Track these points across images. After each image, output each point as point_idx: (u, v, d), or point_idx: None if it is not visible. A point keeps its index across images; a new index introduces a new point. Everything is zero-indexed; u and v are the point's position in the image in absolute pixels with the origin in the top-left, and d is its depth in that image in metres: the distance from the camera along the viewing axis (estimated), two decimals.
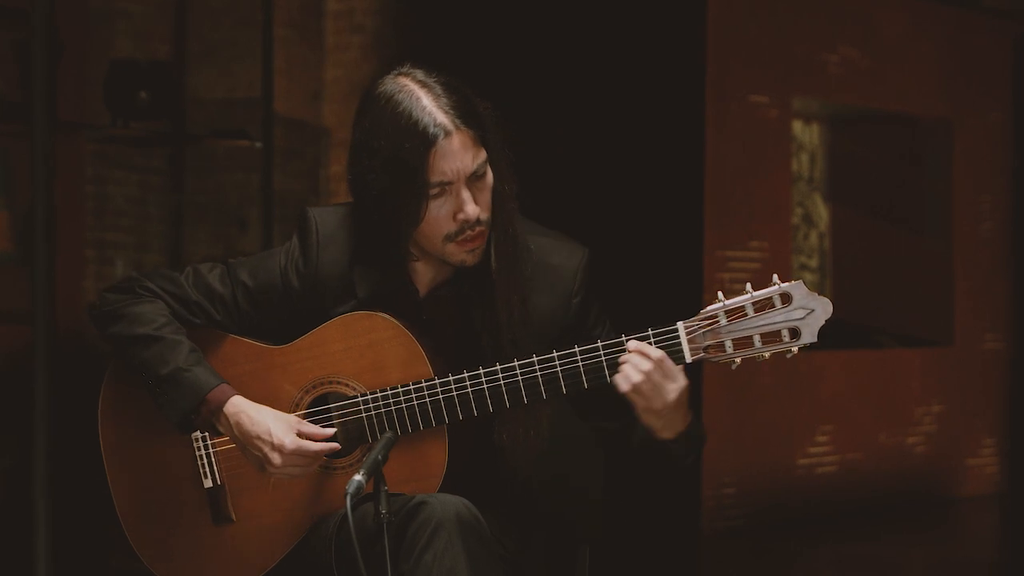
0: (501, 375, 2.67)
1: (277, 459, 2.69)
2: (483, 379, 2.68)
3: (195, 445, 2.83)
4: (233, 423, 2.73)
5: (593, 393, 2.68)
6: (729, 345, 2.61)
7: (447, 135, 2.65)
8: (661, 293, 6.75)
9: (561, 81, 6.83)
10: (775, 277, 2.60)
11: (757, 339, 2.60)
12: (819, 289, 8.73)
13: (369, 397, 2.73)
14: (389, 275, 2.78)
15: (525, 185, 2.82)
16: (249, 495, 2.81)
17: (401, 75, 2.72)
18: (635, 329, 2.73)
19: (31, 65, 3.99)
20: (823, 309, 2.58)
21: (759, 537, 7.20)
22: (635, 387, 2.60)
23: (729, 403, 7.22)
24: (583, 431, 2.90)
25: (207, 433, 2.82)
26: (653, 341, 2.62)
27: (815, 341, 2.59)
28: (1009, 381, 8.85)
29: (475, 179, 2.69)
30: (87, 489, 4.89)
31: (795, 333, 2.59)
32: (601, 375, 2.64)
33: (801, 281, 2.60)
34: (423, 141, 2.64)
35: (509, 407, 2.69)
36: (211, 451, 2.83)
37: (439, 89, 2.69)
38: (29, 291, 4.00)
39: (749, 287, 2.61)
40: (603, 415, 2.80)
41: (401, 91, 2.69)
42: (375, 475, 2.55)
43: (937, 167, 8.62)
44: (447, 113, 2.66)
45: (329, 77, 7.34)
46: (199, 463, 2.83)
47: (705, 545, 7.05)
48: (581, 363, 2.65)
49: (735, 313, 2.60)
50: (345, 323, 2.76)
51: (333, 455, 2.76)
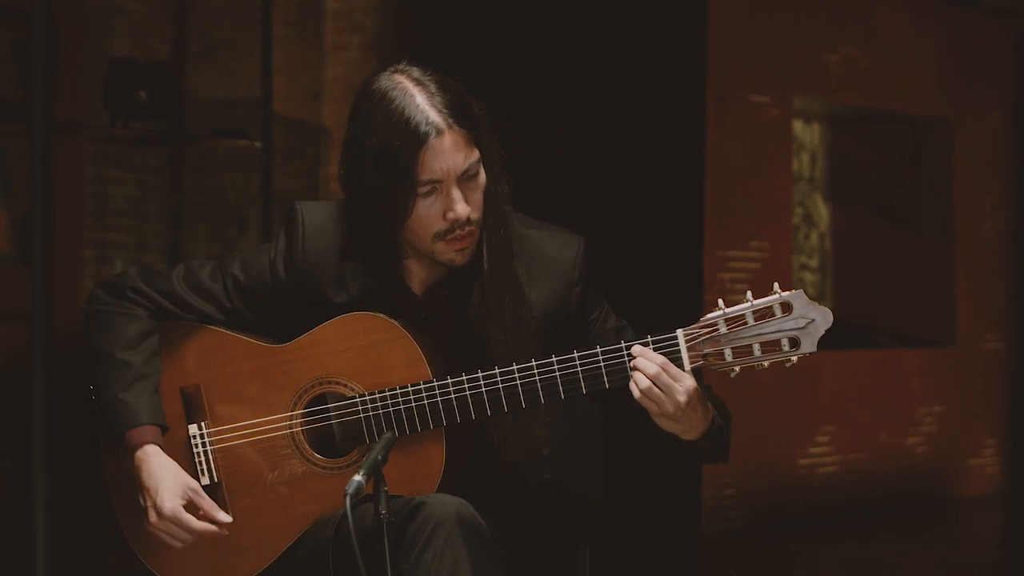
0: (500, 379, 2.67)
1: (153, 516, 2.74)
2: (482, 383, 2.68)
3: (193, 442, 2.83)
4: (136, 466, 2.76)
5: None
6: (728, 353, 2.60)
7: (439, 134, 2.64)
8: (661, 293, 6.75)
9: (561, 81, 6.82)
10: (776, 286, 2.60)
11: (757, 348, 2.59)
12: (819, 289, 8.74)
13: (368, 398, 2.72)
14: (382, 273, 2.77)
15: (526, 185, 2.81)
16: (246, 493, 2.80)
17: (397, 72, 2.71)
18: (637, 330, 2.72)
19: (30, 65, 3.99)
20: (823, 319, 2.58)
21: (759, 538, 7.20)
22: (644, 392, 2.59)
23: (729, 403, 7.20)
24: (583, 430, 2.90)
25: (204, 432, 2.82)
26: (652, 347, 2.62)
27: (815, 351, 2.59)
28: (1010, 381, 8.85)
29: (466, 179, 2.69)
30: (86, 489, 4.89)
31: (795, 342, 2.58)
32: (600, 381, 2.64)
33: (802, 291, 2.59)
34: (415, 139, 2.63)
35: (507, 411, 2.68)
36: (209, 448, 2.82)
37: (433, 87, 2.67)
38: (28, 291, 4.00)
39: (750, 295, 2.61)
40: (609, 400, 2.79)
41: (395, 88, 2.68)
42: (375, 475, 2.54)
43: (937, 167, 8.62)
44: (440, 112, 2.65)
45: (329, 77, 7.33)
46: (196, 460, 2.83)
47: (705, 545, 7.04)
48: (580, 369, 2.64)
49: (735, 321, 2.60)
50: (345, 323, 2.75)
51: (331, 456, 2.76)
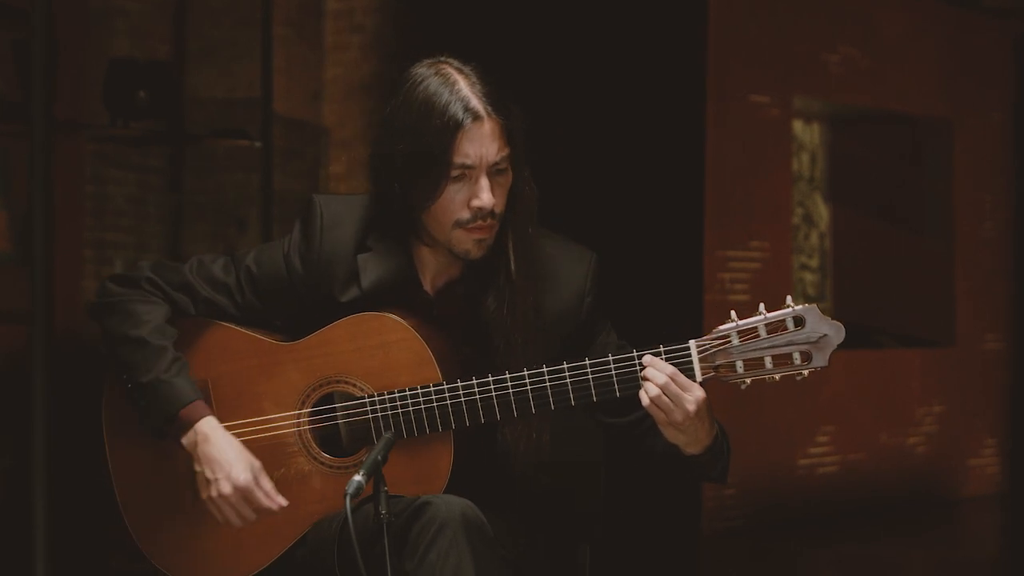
0: (510, 384, 2.67)
1: (227, 488, 2.69)
2: (492, 387, 2.68)
3: None
4: (201, 438, 2.72)
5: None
6: (740, 366, 2.61)
7: (477, 119, 2.68)
8: (661, 293, 6.75)
9: (561, 81, 6.82)
10: (788, 299, 2.61)
11: (768, 361, 2.60)
12: (819, 289, 8.74)
13: (376, 398, 2.72)
14: (396, 265, 2.78)
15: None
16: None
17: (438, 62, 2.75)
18: (637, 330, 2.72)
19: (30, 65, 3.99)
20: (836, 334, 2.58)
21: (759, 538, 7.20)
22: (653, 400, 2.60)
23: (729, 403, 7.21)
24: (583, 431, 2.90)
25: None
26: (665, 358, 2.62)
27: (826, 365, 2.59)
28: (1010, 381, 8.85)
29: (495, 172, 2.71)
30: (86, 489, 4.89)
31: (807, 357, 2.59)
32: (611, 389, 2.64)
33: (815, 306, 2.60)
34: (454, 121, 2.66)
35: (516, 416, 2.69)
36: None
37: (475, 77, 2.72)
38: (28, 291, 4.00)
39: (762, 308, 2.61)
40: (609, 412, 2.79)
41: (438, 73, 2.72)
42: (375, 476, 2.55)
43: (937, 167, 8.62)
44: (480, 99, 2.69)
45: (329, 77, 7.33)
46: None
47: (705, 545, 7.04)
48: (591, 376, 2.65)
49: (747, 334, 2.60)
50: (355, 323, 2.75)
51: (337, 455, 2.76)
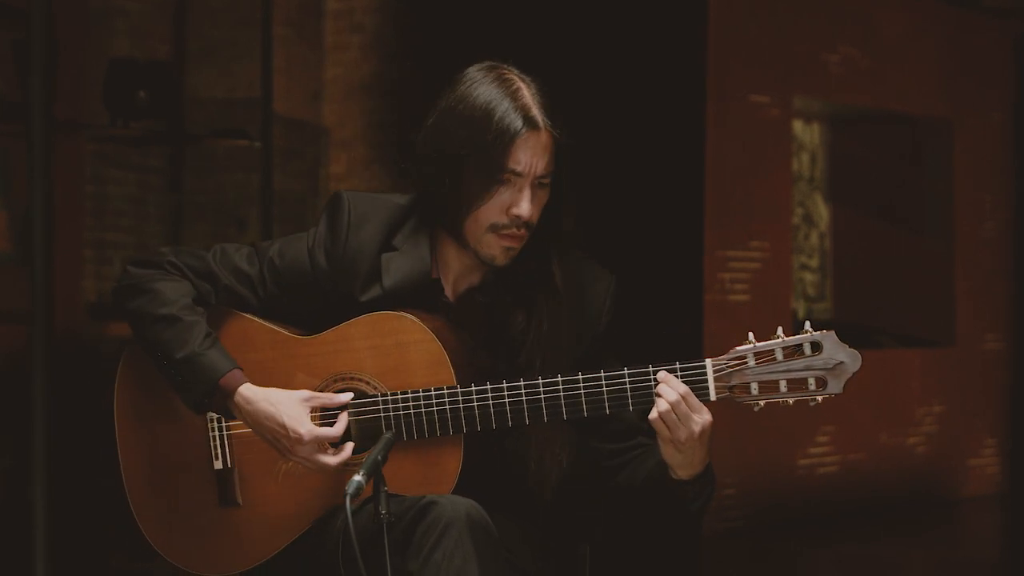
0: (524, 392, 2.67)
1: (299, 449, 2.69)
2: (505, 394, 2.67)
3: (209, 425, 2.83)
4: (246, 412, 2.72)
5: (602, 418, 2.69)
6: (755, 388, 2.61)
7: (535, 128, 2.70)
8: (661, 293, 6.74)
9: (561, 81, 6.81)
10: (807, 324, 2.61)
11: (783, 384, 2.61)
12: (819, 289, 8.73)
13: (389, 397, 2.72)
14: (418, 267, 2.78)
15: None
16: (258, 481, 2.80)
17: (499, 67, 2.78)
18: (637, 330, 2.72)
19: (29, 64, 3.98)
20: (852, 362, 2.59)
21: (759, 538, 7.19)
22: (662, 415, 2.60)
23: (729, 403, 7.20)
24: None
25: (227, 418, 2.81)
26: (680, 375, 2.62)
27: (841, 392, 2.60)
28: (1010, 381, 8.85)
29: (539, 184, 2.73)
30: (86, 489, 4.89)
31: (822, 383, 2.60)
32: (624, 402, 2.65)
33: (833, 332, 2.60)
34: (513, 126, 2.69)
35: (528, 423, 2.68)
36: (225, 433, 2.82)
37: (535, 88, 2.76)
38: (28, 291, 3.99)
39: (780, 332, 2.61)
40: (605, 436, 2.80)
41: (499, 77, 2.74)
42: (375, 476, 2.55)
43: (938, 167, 8.61)
44: (540, 110, 2.72)
45: (329, 76, 7.32)
46: (212, 444, 2.82)
47: (705, 546, 7.04)
48: (605, 388, 2.64)
49: (764, 356, 2.60)
50: (373, 321, 2.75)
51: None
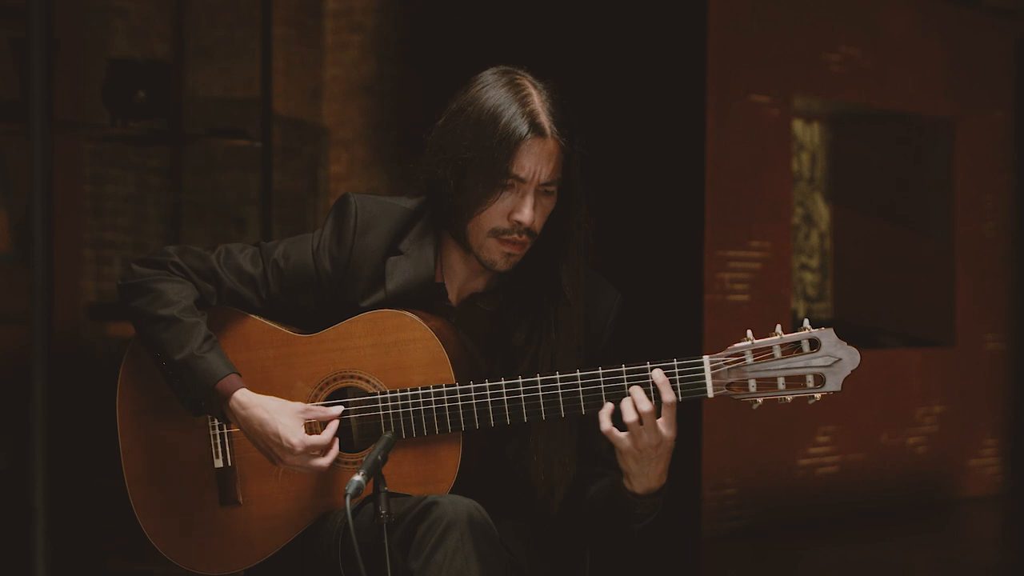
0: (522, 388, 2.67)
1: (289, 459, 2.69)
2: (504, 392, 2.67)
3: (210, 424, 2.83)
4: (240, 418, 2.72)
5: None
6: (753, 385, 2.60)
7: (540, 135, 2.69)
8: (661, 293, 6.73)
9: (561, 80, 6.80)
10: (806, 322, 2.61)
11: (781, 382, 2.60)
12: (819, 289, 8.73)
13: (388, 396, 2.72)
14: (422, 271, 2.78)
15: None
16: (258, 480, 2.80)
17: (513, 72, 2.78)
18: (637, 330, 2.70)
19: (28, 64, 3.97)
20: (850, 359, 2.59)
21: (760, 538, 7.19)
22: (629, 423, 2.59)
23: (729, 404, 7.19)
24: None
25: (222, 421, 2.81)
26: (678, 372, 2.62)
27: (839, 391, 2.60)
28: (1010, 381, 8.84)
29: (543, 192, 2.72)
30: (86, 489, 4.88)
31: (820, 380, 2.60)
32: (622, 399, 2.63)
33: (832, 329, 2.60)
34: (518, 131, 2.68)
35: (527, 421, 2.68)
36: (226, 431, 2.82)
37: (547, 94, 2.76)
38: (27, 291, 3.98)
39: (779, 329, 2.61)
40: (596, 438, 2.79)
41: (512, 82, 2.74)
42: (375, 476, 2.55)
43: (939, 166, 8.61)
44: (548, 117, 2.72)
45: (328, 76, 7.31)
46: (213, 442, 2.82)
47: (706, 546, 7.03)
48: (604, 385, 2.64)
49: (762, 353, 2.60)
50: (373, 319, 2.75)
51: (346, 450, 2.76)
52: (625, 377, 2.63)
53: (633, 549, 6.19)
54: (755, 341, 2.60)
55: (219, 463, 2.82)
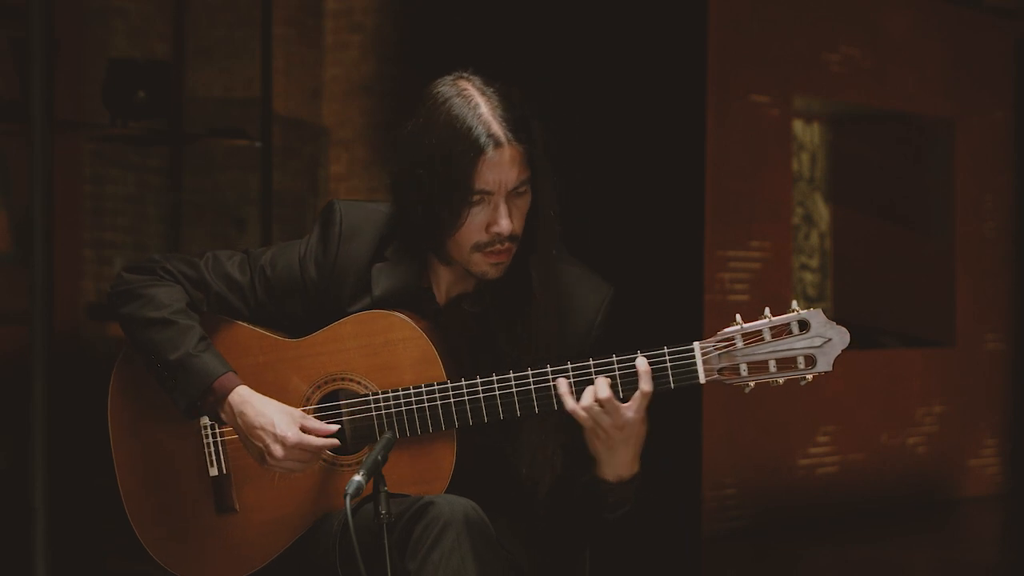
0: (514, 382, 2.67)
1: (279, 451, 2.68)
2: (495, 385, 2.67)
3: (204, 432, 2.82)
4: (237, 412, 2.72)
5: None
6: (744, 369, 2.61)
7: (498, 147, 2.66)
8: (661, 293, 6.73)
9: (560, 80, 6.81)
10: (794, 303, 2.61)
11: (772, 364, 2.60)
12: (819, 289, 8.73)
13: (380, 396, 2.72)
14: (408, 276, 2.78)
15: None
16: (254, 487, 2.80)
17: (461, 79, 2.73)
18: (636, 330, 2.70)
19: (28, 64, 3.97)
20: (840, 338, 2.59)
21: (760, 538, 7.19)
22: (587, 407, 2.60)
23: (729, 403, 7.20)
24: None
25: (216, 422, 2.81)
26: (668, 359, 2.61)
27: (830, 370, 2.59)
28: (1010, 381, 8.84)
29: (514, 195, 2.70)
30: (85, 489, 4.87)
31: (811, 360, 2.59)
32: (615, 390, 2.63)
33: (820, 310, 2.60)
34: (474, 148, 2.64)
35: (520, 415, 2.68)
36: (220, 439, 2.82)
37: (496, 100, 2.70)
38: (27, 291, 3.98)
39: (768, 312, 2.61)
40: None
41: (460, 94, 2.70)
42: (375, 476, 2.55)
43: (939, 166, 8.61)
44: (501, 124, 2.67)
45: (328, 76, 7.31)
46: (207, 450, 2.82)
47: (706, 546, 7.03)
48: (595, 376, 2.63)
49: (752, 337, 2.60)
50: (362, 320, 2.75)
51: (341, 452, 2.75)
52: (616, 367, 2.62)
53: (624, 545, 6.20)
54: (744, 325, 2.61)
55: (214, 471, 2.81)
